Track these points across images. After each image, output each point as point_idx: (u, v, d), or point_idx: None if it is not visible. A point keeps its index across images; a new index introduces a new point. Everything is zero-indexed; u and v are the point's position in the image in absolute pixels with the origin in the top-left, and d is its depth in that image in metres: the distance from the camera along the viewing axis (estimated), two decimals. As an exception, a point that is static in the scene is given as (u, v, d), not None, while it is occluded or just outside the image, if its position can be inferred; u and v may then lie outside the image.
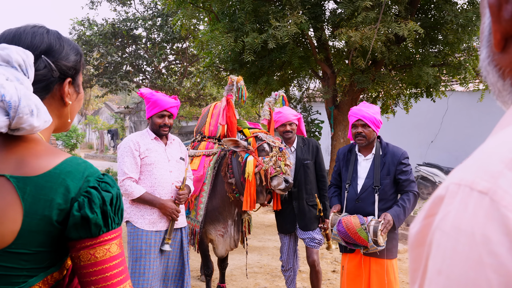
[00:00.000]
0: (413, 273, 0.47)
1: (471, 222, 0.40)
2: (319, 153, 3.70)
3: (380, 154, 3.01)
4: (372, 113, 2.97)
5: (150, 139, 3.14)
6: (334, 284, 4.55)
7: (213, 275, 4.07)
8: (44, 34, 0.98)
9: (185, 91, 12.78)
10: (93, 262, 0.91)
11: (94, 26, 11.67)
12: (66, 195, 0.89)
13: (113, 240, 0.94)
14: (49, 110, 0.97)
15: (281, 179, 3.28)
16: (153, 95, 3.12)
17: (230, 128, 3.55)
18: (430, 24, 5.99)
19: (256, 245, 6.15)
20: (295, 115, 3.65)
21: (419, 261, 0.45)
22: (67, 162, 0.92)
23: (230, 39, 5.39)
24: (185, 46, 12.22)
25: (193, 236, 3.74)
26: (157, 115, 3.11)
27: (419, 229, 0.46)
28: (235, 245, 3.82)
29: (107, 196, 0.93)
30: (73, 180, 0.90)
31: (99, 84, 12.19)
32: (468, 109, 10.58)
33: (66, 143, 17.94)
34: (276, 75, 6.98)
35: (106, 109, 29.99)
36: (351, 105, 6.72)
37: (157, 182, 3.07)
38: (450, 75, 6.57)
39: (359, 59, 5.43)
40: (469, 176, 0.43)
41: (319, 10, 5.81)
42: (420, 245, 0.45)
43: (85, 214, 0.89)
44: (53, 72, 0.97)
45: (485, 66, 0.52)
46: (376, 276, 2.91)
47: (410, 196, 2.91)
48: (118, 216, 0.96)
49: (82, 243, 0.91)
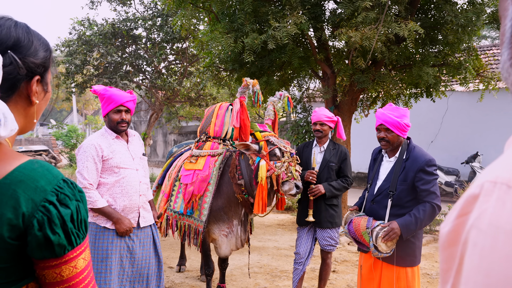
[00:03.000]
0: (444, 274, 0.46)
1: (510, 219, 0.39)
2: (346, 160, 3.78)
3: (404, 158, 2.87)
4: (396, 117, 2.81)
5: (112, 139, 3.04)
6: (334, 284, 4.55)
7: (213, 275, 4.07)
8: (12, 27, 0.89)
9: (185, 91, 12.77)
10: (59, 281, 0.86)
11: (94, 26, 11.66)
12: (16, 209, 0.80)
13: (79, 255, 0.88)
14: (15, 110, 0.91)
15: (292, 184, 3.35)
16: (107, 91, 3.02)
17: (244, 131, 3.53)
18: (430, 24, 5.98)
19: (256, 245, 6.15)
20: (328, 117, 3.71)
21: (451, 261, 0.44)
22: (19, 170, 0.83)
23: (230, 39, 5.39)
24: (185, 46, 12.21)
25: (195, 236, 3.73)
26: (113, 111, 3.00)
27: (451, 228, 0.45)
28: (242, 245, 3.85)
29: (66, 215, 0.85)
30: (24, 191, 0.81)
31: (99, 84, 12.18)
32: (468, 109, 10.58)
33: (66, 143, 17.92)
34: (276, 75, 6.97)
35: (106, 109, 29.96)
36: (351, 105, 6.72)
37: (125, 181, 3.00)
38: (450, 75, 6.56)
39: (359, 59, 5.43)
40: (505, 174, 0.42)
41: (319, 10, 5.81)
42: (452, 245, 0.44)
43: (47, 235, 0.82)
44: (19, 70, 0.88)
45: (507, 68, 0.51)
46: (387, 281, 2.83)
47: (427, 207, 2.72)
48: (81, 230, 0.89)
49: (46, 263, 0.85)
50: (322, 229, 3.73)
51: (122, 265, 2.98)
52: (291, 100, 3.90)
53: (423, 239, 6.24)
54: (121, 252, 2.98)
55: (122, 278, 2.98)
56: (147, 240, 3.13)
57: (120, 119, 3.00)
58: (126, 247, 3.01)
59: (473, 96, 9.76)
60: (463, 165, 10.26)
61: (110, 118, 3.02)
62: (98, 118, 28.08)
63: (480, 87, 7.47)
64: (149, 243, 3.14)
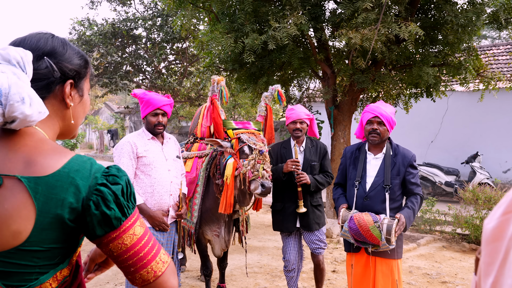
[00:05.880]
0: (487, 267, 0.48)
1: None
2: (326, 156, 3.70)
3: (391, 154, 3.00)
4: (389, 113, 2.97)
5: (147, 139, 3.20)
6: (334, 284, 4.55)
7: (213, 275, 4.07)
8: (49, 38, 1.03)
9: (185, 91, 12.78)
10: (124, 250, 0.96)
11: (94, 26, 11.66)
12: (77, 194, 0.92)
13: (134, 223, 0.99)
14: (52, 111, 1.02)
15: (258, 183, 3.15)
16: (146, 95, 3.19)
17: (216, 129, 3.52)
18: (430, 24, 5.98)
19: (256, 245, 6.16)
20: (307, 114, 3.62)
21: (495, 255, 0.47)
22: (73, 161, 0.95)
23: (230, 39, 5.39)
24: (185, 46, 12.21)
25: (189, 238, 3.78)
26: (151, 114, 3.17)
27: (496, 224, 0.47)
28: (226, 246, 3.80)
29: (117, 190, 0.96)
30: (82, 178, 0.93)
31: (99, 84, 12.19)
32: (468, 109, 10.58)
33: (66, 143, 17.93)
34: (276, 75, 6.98)
35: (106, 109, 29.97)
36: (351, 105, 6.72)
37: (156, 181, 3.13)
38: (450, 75, 6.56)
39: (359, 59, 5.43)
40: None
41: (319, 11, 5.81)
42: (496, 240, 0.47)
43: (103, 212, 0.93)
44: (54, 73, 1.00)
45: None
46: (382, 276, 2.90)
47: (418, 199, 2.93)
48: (131, 201, 1.00)
49: (108, 237, 0.95)
50: (310, 232, 3.58)
51: None
52: (282, 93, 3.74)
53: (423, 239, 6.24)
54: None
55: None
56: (170, 236, 3.27)
57: (157, 122, 3.18)
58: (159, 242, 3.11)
59: (473, 96, 9.77)
60: (463, 165, 10.26)
61: (148, 121, 3.19)
62: (98, 118, 28.08)
63: (480, 87, 7.48)
64: (170, 241, 3.27)
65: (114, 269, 4.93)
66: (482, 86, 7.32)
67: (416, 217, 6.80)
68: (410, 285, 4.49)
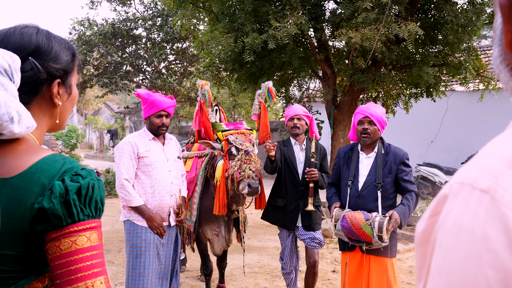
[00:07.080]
0: (419, 271, 0.47)
1: (472, 220, 0.40)
2: (325, 158, 3.72)
3: (383, 153, 3.05)
4: (380, 113, 3.03)
5: (148, 140, 3.20)
6: (334, 284, 4.55)
7: (213, 275, 4.08)
8: (33, 35, 0.97)
9: (185, 91, 12.77)
10: (58, 255, 0.87)
11: (94, 26, 11.66)
12: (41, 194, 0.87)
13: (82, 232, 0.88)
14: (40, 111, 0.99)
15: (245, 183, 3.16)
16: (150, 96, 3.18)
17: (206, 132, 3.55)
18: (430, 24, 5.98)
19: (256, 245, 6.16)
20: (305, 111, 3.66)
21: (424, 259, 0.46)
22: (44, 160, 0.90)
23: (230, 39, 5.39)
24: (185, 46, 12.21)
25: (188, 237, 3.80)
26: (155, 115, 3.17)
27: (424, 227, 0.47)
28: (227, 245, 3.84)
29: (71, 186, 0.88)
30: (48, 177, 0.88)
31: (99, 84, 12.19)
32: (468, 109, 10.59)
33: (66, 143, 17.92)
34: (276, 75, 6.98)
35: (106, 109, 29.99)
36: (351, 105, 6.72)
37: (157, 182, 3.13)
38: (450, 75, 6.56)
39: (359, 59, 5.43)
40: (471, 175, 0.44)
41: (319, 11, 5.81)
42: (425, 243, 0.46)
43: (42, 205, 0.86)
44: (40, 74, 0.95)
45: (497, 64, 0.52)
46: (376, 274, 2.93)
47: (413, 196, 2.96)
48: (89, 207, 0.91)
49: (48, 236, 0.87)
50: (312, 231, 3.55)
51: (159, 262, 3.11)
52: (272, 90, 3.69)
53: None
54: (157, 248, 3.11)
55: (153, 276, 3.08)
56: (170, 239, 3.26)
57: (161, 123, 3.17)
58: (159, 244, 3.12)
59: (473, 96, 9.77)
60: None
61: (151, 122, 3.18)
62: (98, 118, 28.08)
63: (480, 87, 7.47)
64: (171, 243, 3.26)
65: (114, 269, 4.93)
66: (482, 86, 7.32)
67: (416, 217, 6.80)
68: (410, 285, 4.49)
